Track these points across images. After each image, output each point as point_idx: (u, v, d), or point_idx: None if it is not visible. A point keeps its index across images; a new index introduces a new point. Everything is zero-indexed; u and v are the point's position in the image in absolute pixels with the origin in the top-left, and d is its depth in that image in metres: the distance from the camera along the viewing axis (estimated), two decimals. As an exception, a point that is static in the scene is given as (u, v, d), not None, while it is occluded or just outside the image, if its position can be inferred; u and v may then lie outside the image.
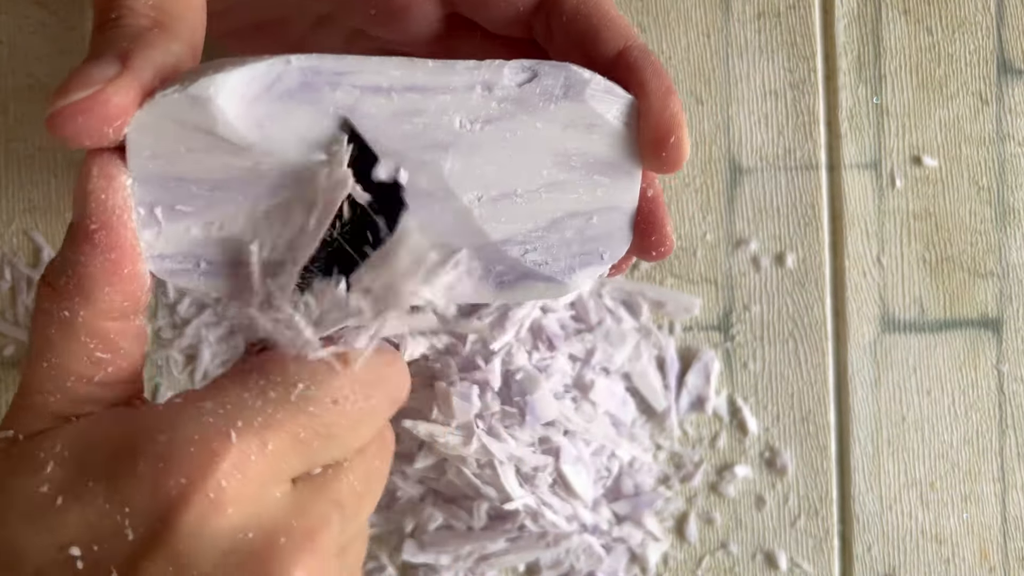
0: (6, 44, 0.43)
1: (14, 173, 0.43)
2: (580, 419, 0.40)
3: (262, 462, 0.25)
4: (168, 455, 0.24)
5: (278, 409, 0.25)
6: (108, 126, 0.25)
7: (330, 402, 0.26)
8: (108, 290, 0.26)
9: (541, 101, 0.27)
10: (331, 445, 0.27)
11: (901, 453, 0.44)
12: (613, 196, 0.29)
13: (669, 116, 0.28)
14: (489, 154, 0.27)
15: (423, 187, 0.27)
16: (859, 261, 0.44)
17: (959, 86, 0.44)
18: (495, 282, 0.29)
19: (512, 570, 0.42)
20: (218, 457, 0.24)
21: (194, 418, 0.25)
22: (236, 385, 0.26)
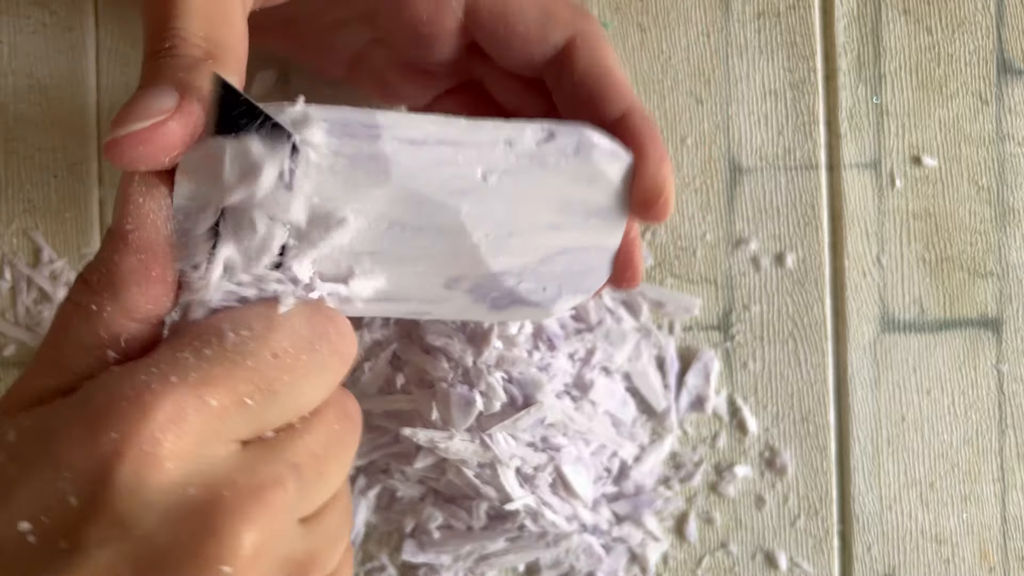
0: (6, 44, 0.43)
1: (14, 173, 0.43)
2: (581, 419, 0.40)
3: (201, 417, 0.25)
4: (102, 412, 0.24)
5: (214, 364, 0.25)
6: (167, 156, 0.26)
7: (269, 355, 0.26)
8: (135, 290, 0.26)
9: (554, 158, 0.31)
10: (276, 402, 0.26)
11: (901, 453, 0.44)
12: (601, 237, 0.33)
13: (661, 180, 0.32)
14: (502, 200, 0.30)
15: (440, 225, 0.30)
16: (859, 261, 0.44)
17: (959, 86, 0.44)
18: (489, 304, 0.32)
19: (512, 570, 0.42)
20: (150, 409, 0.24)
21: (128, 377, 0.25)
22: (171, 348, 0.26)
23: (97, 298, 0.26)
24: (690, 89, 0.44)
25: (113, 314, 0.26)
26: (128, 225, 0.26)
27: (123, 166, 0.25)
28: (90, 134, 0.43)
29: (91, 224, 0.43)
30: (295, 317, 0.27)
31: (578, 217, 0.32)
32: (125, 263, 0.26)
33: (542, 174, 0.30)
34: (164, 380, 0.25)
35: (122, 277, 0.26)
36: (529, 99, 0.36)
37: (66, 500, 0.24)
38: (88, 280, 0.26)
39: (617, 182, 0.32)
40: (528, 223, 0.31)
